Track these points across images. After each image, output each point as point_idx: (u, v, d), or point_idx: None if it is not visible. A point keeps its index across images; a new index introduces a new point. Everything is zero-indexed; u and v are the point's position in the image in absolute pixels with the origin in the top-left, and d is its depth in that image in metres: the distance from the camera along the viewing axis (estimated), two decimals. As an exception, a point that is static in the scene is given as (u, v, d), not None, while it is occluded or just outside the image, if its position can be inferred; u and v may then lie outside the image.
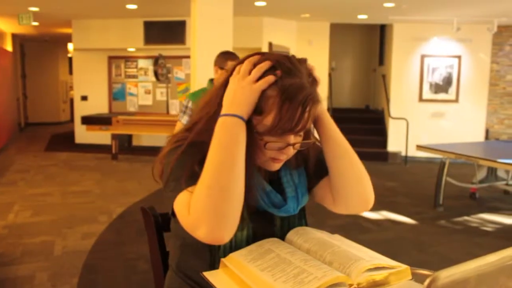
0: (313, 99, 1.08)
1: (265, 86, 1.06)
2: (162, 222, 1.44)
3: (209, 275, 1.07)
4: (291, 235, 1.22)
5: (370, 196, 1.21)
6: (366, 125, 9.95)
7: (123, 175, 7.30)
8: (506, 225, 4.99)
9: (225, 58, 3.08)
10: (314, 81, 1.11)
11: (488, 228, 4.90)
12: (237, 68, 1.12)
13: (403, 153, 8.98)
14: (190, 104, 3.11)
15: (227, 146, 1.03)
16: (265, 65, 1.08)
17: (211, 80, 3.18)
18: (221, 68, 3.07)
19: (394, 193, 6.45)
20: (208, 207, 0.98)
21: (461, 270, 0.53)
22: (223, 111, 1.08)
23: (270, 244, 1.15)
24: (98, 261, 3.76)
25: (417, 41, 9.16)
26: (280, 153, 1.11)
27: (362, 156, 1.27)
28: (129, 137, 9.58)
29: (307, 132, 1.18)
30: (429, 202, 5.77)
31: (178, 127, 3.02)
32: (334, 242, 1.14)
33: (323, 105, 1.17)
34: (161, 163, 1.16)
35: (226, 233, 0.99)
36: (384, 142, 9.40)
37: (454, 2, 7.01)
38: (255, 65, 1.09)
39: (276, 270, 1.02)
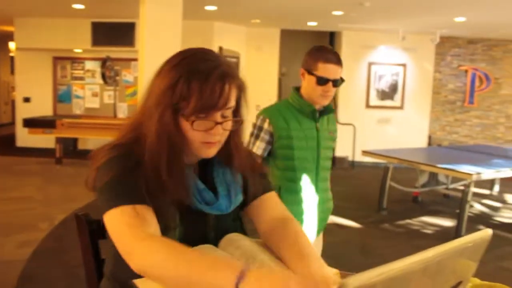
0: (231, 75, 1.12)
1: None
2: (97, 229, 1.39)
3: (140, 283, 1.04)
4: (223, 242, 1.21)
5: None
6: (315, 131, 10.09)
7: (68, 180, 7.06)
8: (445, 227, 5.19)
9: (315, 58, 2.17)
10: (232, 66, 1.17)
11: (429, 230, 5.07)
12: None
13: (350, 158, 9.18)
14: (266, 125, 2.24)
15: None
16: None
17: (297, 89, 2.29)
18: (309, 73, 2.19)
19: (340, 197, 6.53)
20: (157, 273, 0.94)
21: (368, 277, 0.54)
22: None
23: (202, 250, 1.14)
24: (37, 270, 3.61)
25: (365, 49, 9.40)
26: (209, 134, 1.12)
27: None
28: (75, 140, 9.30)
29: (235, 113, 1.20)
30: (373, 206, 5.92)
31: None
32: (264, 251, 1.14)
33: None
34: (97, 171, 1.14)
35: None
36: (332, 147, 9.55)
37: (399, 13, 7.25)
38: (172, 65, 1.13)
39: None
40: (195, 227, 1.19)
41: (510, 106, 9.78)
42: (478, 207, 5.40)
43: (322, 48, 2.24)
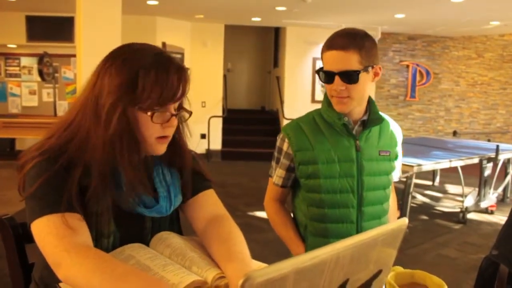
0: (183, 68, 1.13)
1: None
2: (23, 233, 1.33)
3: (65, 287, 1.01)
4: (154, 240, 1.19)
5: None
6: (262, 126, 10.13)
7: (4, 183, 6.72)
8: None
9: (323, 47, 1.61)
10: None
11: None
12: None
13: (298, 153, 9.24)
14: (286, 147, 1.72)
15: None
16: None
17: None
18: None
19: (288, 192, 6.59)
20: (84, 286, 0.93)
21: (276, 269, 0.51)
22: None
23: (131, 250, 1.12)
24: (-34, 278, 3.39)
25: (309, 44, 9.49)
26: (166, 128, 1.12)
27: (259, 157, 1.27)
28: (12, 141, 8.88)
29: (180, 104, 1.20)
30: (320, 199, 5.96)
31: (271, 188, 1.82)
32: (195, 249, 1.14)
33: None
34: (25, 177, 1.10)
35: None
36: (279, 143, 9.60)
37: (341, 9, 7.37)
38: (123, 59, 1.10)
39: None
40: (131, 231, 1.17)
41: (449, 100, 10.20)
42: (420, 198, 5.55)
43: (337, 32, 1.59)
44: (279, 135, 1.75)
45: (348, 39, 1.51)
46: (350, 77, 1.51)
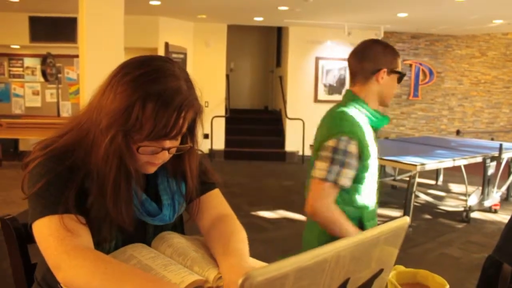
0: (189, 104, 1.04)
1: None
2: (26, 233, 1.32)
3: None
4: (156, 240, 1.19)
5: None
6: (265, 126, 10.13)
7: (8, 183, 6.73)
8: (393, 218, 5.29)
9: (393, 53, 1.93)
10: (191, 85, 1.09)
11: (377, 222, 5.15)
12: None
13: (300, 153, 9.25)
14: (354, 149, 1.76)
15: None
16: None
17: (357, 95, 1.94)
18: (392, 71, 1.92)
19: (290, 192, 6.60)
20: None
21: (276, 268, 0.50)
22: None
23: (132, 250, 1.12)
24: (-30, 279, 3.40)
25: (312, 44, 9.48)
26: (155, 157, 1.07)
27: (261, 157, 1.24)
28: (16, 141, 8.90)
29: (185, 137, 1.15)
30: (323, 199, 5.95)
31: (331, 192, 1.79)
32: (197, 249, 1.13)
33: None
34: (28, 175, 1.07)
35: None
36: (282, 142, 9.62)
37: (343, 8, 7.36)
38: (129, 79, 1.03)
39: (135, 278, 0.96)
40: (134, 236, 1.16)
41: (452, 99, 10.17)
42: (423, 197, 5.54)
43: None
44: (343, 137, 1.75)
45: None
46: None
